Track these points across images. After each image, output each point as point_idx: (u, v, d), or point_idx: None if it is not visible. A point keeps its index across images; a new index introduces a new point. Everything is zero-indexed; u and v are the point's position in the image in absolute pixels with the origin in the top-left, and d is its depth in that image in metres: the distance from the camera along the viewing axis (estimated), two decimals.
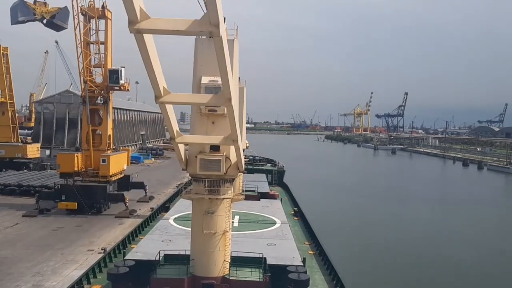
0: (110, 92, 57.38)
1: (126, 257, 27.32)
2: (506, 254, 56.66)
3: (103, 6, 55.64)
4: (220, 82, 21.40)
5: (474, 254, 56.29)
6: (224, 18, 23.01)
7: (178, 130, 20.30)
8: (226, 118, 22.05)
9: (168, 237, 31.94)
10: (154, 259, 25.40)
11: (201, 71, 22.55)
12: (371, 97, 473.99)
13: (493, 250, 58.41)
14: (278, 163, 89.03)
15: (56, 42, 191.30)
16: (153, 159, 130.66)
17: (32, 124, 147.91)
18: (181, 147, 22.06)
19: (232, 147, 22.41)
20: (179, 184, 67.76)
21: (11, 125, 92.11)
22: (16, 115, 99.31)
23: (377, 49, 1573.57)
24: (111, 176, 57.01)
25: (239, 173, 24.68)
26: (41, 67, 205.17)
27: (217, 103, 16.27)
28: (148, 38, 13.40)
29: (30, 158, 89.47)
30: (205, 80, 22.06)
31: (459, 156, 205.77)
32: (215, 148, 22.62)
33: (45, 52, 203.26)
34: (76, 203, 55.08)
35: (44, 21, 65.86)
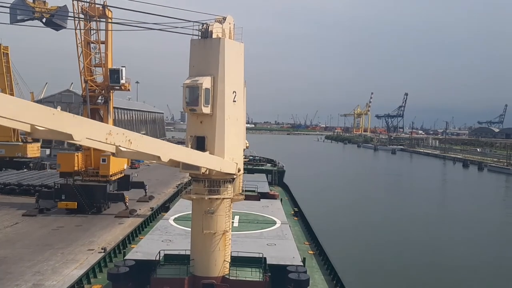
0: (111, 91, 57.44)
1: (126, 257, 27.33)
2: (506, 255, 56.69)
3: (103, 5, 55.65)
4: (200, 81, 21.64)
5: (474, 254, 56.25)
6: (224, 18, 23.20)
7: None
8: (211, 117, 22.30)
9: (168, 237, 31.94)
10: (154, 259, 25.41)
11: (193, 71, 22.75)
12: (371, 98, 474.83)
13: (493, 251, 58.42)
14: (278, 163, 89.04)
15: None
16: None
17: None
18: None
19: (220, 148, 22.35)
20: (179, 184, 67.88)
21: None
22: None
23: (377, 48, 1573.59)
24: (111, 176, 57.07)
25: (232, 174, 23.85)
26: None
27: None
28: None
29: (30, 158, 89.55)
30: (188, 80, 22.28)
31: (459, 156, 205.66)
32: (201, 148, 22.56)
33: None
34: (76, 203, 55.21)
35: (44, 20, 65.78)
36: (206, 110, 21.99)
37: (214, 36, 22.18)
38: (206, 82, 21.80)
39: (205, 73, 22.28)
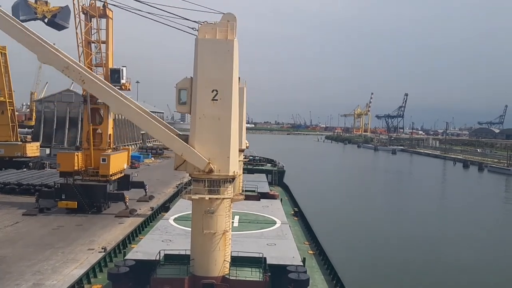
0: None
1: (127, 257, 27.35)
2: (505, 255, 56.72)
3: (104, 5, 55.69)
4: (178, 82, 22.99)
5: (473, 254, 56.28)
6: (233, 19, 22.99)
7: None
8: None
9: (168, 237, 31.97)
10: (154, 259, 25.42)
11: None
12: (371, 98, 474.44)
13: (492, 251, 58.45)
14: (278, 163, 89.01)
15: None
16: (153, 158, 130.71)
17: (33, 123, 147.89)
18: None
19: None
20: (179, 184, 67.77)
21: (10, 124, 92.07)
22: (16, 113, 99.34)
23: (377, 48, 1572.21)
24: (111, 176, 57.03)
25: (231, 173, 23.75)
26: (38, 64, 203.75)
27: None
28: None
29: (30, 157, 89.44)
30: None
31: (459, 157, 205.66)
32: None
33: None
34: (76, 202, 55.19)
35: (46, 20, 65.89)
36: (181, 109, 23.64)
37: (200, 36, 22.41)
38: (181, 83, 23.08)
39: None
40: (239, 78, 25.67)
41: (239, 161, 28.61)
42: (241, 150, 41.21)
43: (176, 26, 22.76)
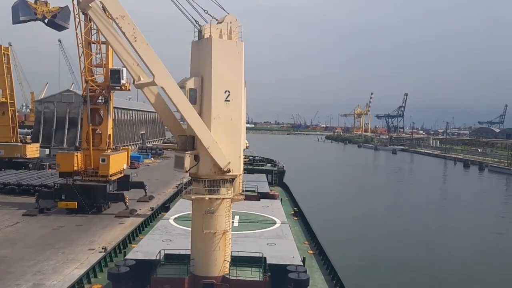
0: (111, 91, 57.47)
1: (127, 257, 27.40)
2: (505, 255, 56.73)
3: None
4: (186, 82, 22.39)
5: (473, 254, 56.30)
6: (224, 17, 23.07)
7: None
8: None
9: (168, 237, 32.02)
10: (154, 258, 25.47)
11: (191, 72, 23.37)
12: (371, 98, 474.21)
13: (493, 252, 58.46)
14: (278, 163, 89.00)
15: (59, 41, 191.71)
16: (152, 159, 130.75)
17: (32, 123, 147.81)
18: None
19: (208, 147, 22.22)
20: (179, 184, 67.79)
21: (11, 125, 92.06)
22: (17, 114, 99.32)
23: (377, 48, 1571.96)
24: (110, 176, 57.06)
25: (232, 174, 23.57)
26: (13, 62, 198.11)
27: None
28: None
29: (29, 158, 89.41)
30: (179, 82, 22.82)
31: (460, 157, 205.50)
32: (191, 145, 22.93)
33: (9, 44, 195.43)
34: (76, 203, 55.18)
35: (46, 21, 65.94)
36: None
37: (206, 36, 22.37)
38: (190, 82, 22.44)
39: (198, 73, 22.75)
40: None
41: None
42: None
43: (180, 14, 22.44)
